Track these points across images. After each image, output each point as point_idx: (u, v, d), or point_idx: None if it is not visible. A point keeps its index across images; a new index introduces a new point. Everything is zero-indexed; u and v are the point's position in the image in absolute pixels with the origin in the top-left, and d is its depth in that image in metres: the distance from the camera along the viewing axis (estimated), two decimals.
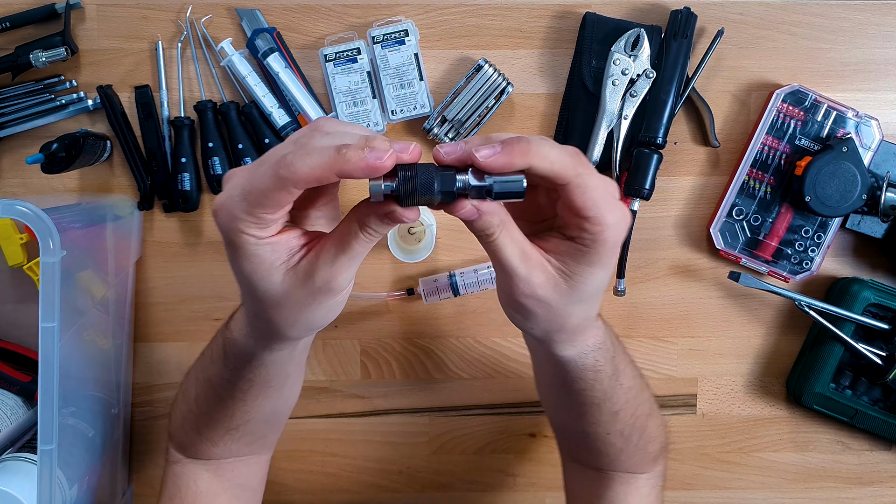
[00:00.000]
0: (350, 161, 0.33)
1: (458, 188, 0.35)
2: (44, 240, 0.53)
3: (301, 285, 0.38)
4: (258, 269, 0.38)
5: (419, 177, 0.35)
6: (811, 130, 0.71)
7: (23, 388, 0.71)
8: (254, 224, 0.36)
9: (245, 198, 0.36)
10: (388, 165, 0.33)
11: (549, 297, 0.39)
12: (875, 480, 0.79)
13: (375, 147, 0.33)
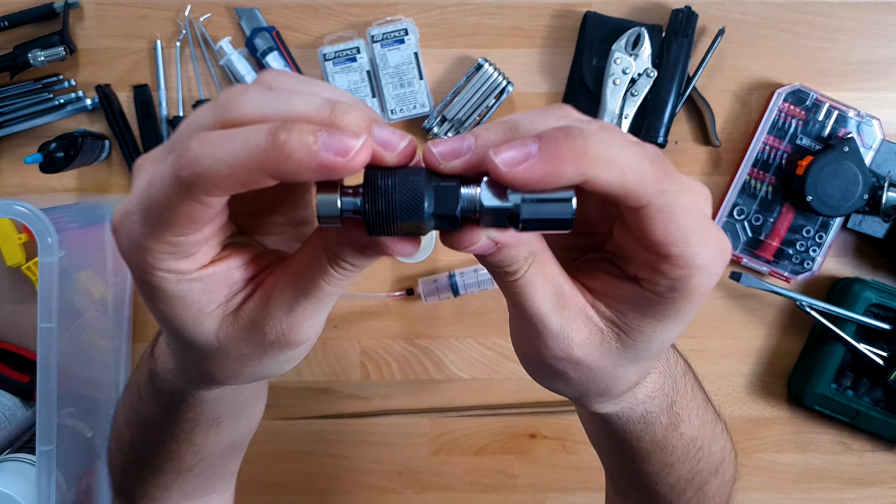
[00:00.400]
0: (291, 155, 0.21)
1: (463, 210, 0.23)
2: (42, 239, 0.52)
3: (245, 337, 0.27)
4: (182, 315, 0.26)
5: (399, 189, 0.23)
6: (812, 130, 0.71)
7: (21, 388, 0.71)
8: (168, 254, 0.24)
9: (145, 216, 0.24)
10: (356, 164, 0.22)
11: (591, 359, 0.27)
12: (876, 481, 0.78)
13: (339, 129, 0.22)
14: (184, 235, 0.24)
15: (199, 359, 0.29)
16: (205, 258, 0.26)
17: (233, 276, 0.27)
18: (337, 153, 0.21)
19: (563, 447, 0.78)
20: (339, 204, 0.23)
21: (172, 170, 0.22)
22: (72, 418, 0.62)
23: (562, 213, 0.23)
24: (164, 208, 0.23)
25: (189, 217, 0.23)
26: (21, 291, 0.73)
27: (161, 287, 0.25)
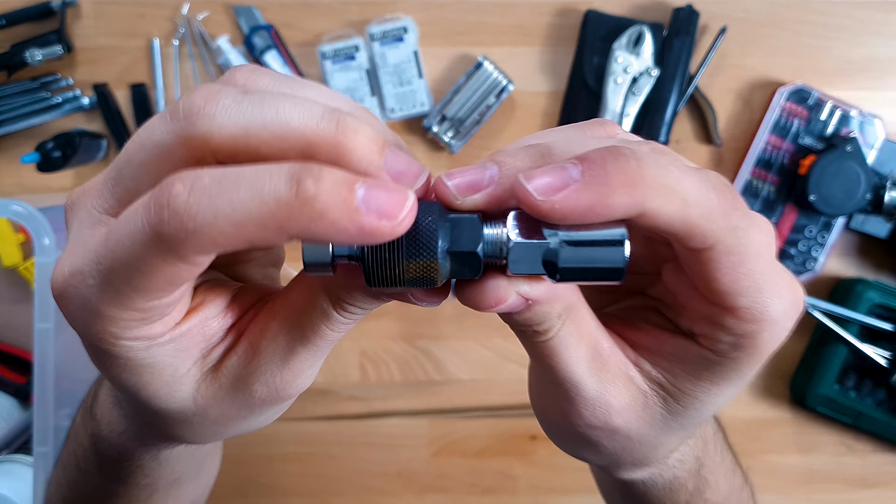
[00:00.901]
0: (324, 215, 0.17)
1: (486, 253, 0.20)
2: (39, 239, 0.52)
3: (229, 396, 0.23)
4: (151, 384, 0.22)
5: (406, 234, 0.19)
6: (815, 129, 0.70)
7: (18, 389, 0.70)
8: (138, 321, 0.20)
9: (106, 279, 0.19)
10: (402, 229, 0.18)
11: (631, 427, 0.23)
12: (880, 483, 0.78)
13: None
14: (159, 300, 0.19)
15: (169, 426, 0.25)
16: (178, 314, 0.21)
17: (209, 327, 0.22)
18: (381, 215, 0.17)
19: None
20: (331, 249, 0.19)
21: (148, 224, 0.17)
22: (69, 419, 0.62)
23: (611, 259, 0.19)
24: (135, 271, 0.18)
25: (172, 280, 0.18)
26: (18, 292, 0.72)
27: (125, 357, 0.21)
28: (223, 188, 0.17)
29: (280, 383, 0.23)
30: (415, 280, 0.19)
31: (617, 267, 0.19)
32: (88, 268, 0.19)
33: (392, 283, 0.19)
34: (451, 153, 0.72)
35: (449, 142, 0.71)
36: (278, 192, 0.17)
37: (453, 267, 0.20)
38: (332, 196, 0.17)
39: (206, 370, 0.23)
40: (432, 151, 0.73)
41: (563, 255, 0.19)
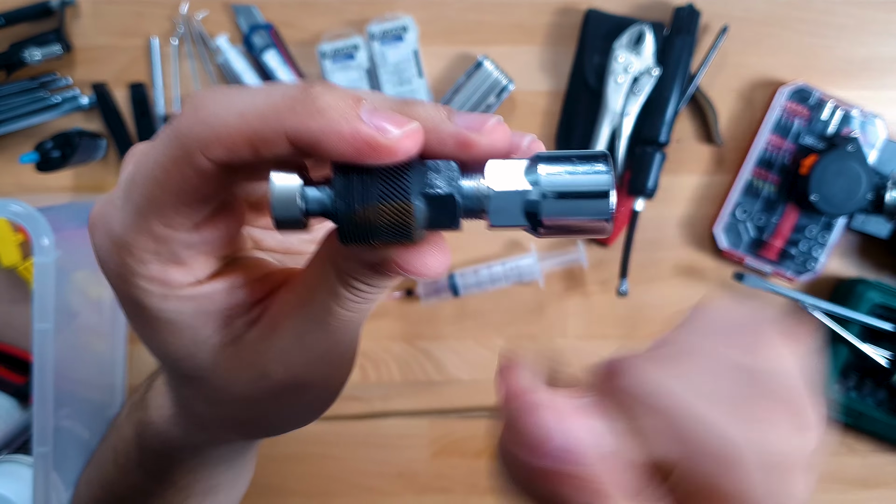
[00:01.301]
0: (323, 111, 0.17)
1: (466, 205, 0.19)
2: (38, 240, 0.52)
3: (248, 374, 0.22)
4: (172, 343, 0.22)
5: (380, 172, 0.18)
6: (816, 129, 0.70)
7: (17, 389, 0.70)
8: (152, 254, 0.20)
9: (127, 196, 0.20)
10: (399, 147, 0.18)
11: None
12: (880, 483, 0.78)
13: (375, 107, 0.18)
14: (171, 223, 0.19)
15: (201, 401, 0.24)
16: (201, 271, 0.21)
17: (235, 296, 0.22)
18: (380, 129, 0.17)
19: None
20: (302, 195, 0.18)
21: (171, 127, 0.18)
22: (68, 420, 0.62)
23: (596, 211, 0.19)
24: (151, 180, 0.18)
25: (181, 189, 0.18)
26: (17, 292, 0.72)
27: (144, 304, 0.20)
28: (241, 90, 0.18)
29: (296, 365, 0.22)
30: (390, 230, 0.18)
31: (602, 218, 0.19)
32: (118, 191, 0.20)
33: (366, 236, 0.18)
34: None
35: None
36: (288, 91, 0.18)
37: (430, 214, 0.19)
38: (337, 100, 0.17)
39: (227, 340, 0.22)
40: None
41: (545, 208, 0.19)
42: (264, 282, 0.23)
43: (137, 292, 0.21)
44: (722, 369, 0.20)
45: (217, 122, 0.18)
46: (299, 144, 0.18)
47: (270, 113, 0.17)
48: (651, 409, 0.19)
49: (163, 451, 0.29)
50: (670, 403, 0.19)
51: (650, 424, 0.19)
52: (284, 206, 0.18)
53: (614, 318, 0.75)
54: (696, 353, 0.21)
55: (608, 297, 0.75)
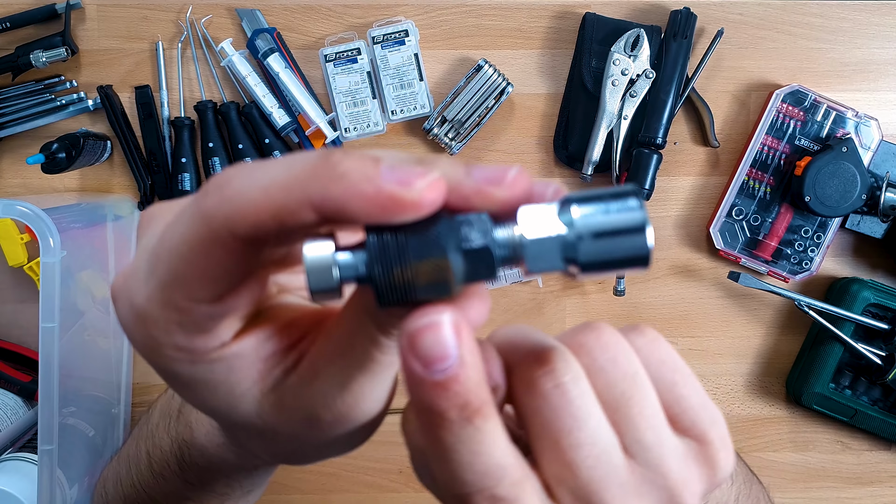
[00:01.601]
0: (345, 176, 0.17)
1: (501, 255, 0.19)
2: (44, 240, 0.53)
3: (295, 417, 0.23)
4: (209, 400, 0.22)
5: (412, 230, 0.18)
6: (811, 130, 0.71)
7: (23, 387, 0.71)
8: (176, 325, 0.20)
9: (152, 269, 0.20)
10: (424, 201, 0.18)
11: None
12: (875, 480, 0.78)
13: (394, 164, 0.18)
14: (196, 297, 0.19)
15: (252, 440, 0.25)
16: (226, 335, 0.21)
17: (265, 349, 0.22)
18: (402, 183, 0.17)
19: None
20: (337, 264, 0.18)
21: (195, 201, 0.19)
22: (73, 417, 0.62)
23: (635, 247, 0.19)
24: (175, 254, 0.19)
25: (207, 266, 0.19)
26: (23, 291, 0.73)
27: (173, 371, 0.21)
28: (263, 164, 0.19)
29: (343, 408, 0.23)
30: (427, 286, 0.18)
31: (641, 255, 0.19)
32: (141, 263, 0.20)
33: (404, 294, 0.18)
34: (451, 154, 0.73)
35: (449, 143, 0.72)
36: (308, 161, 0.18)
37: (467, 268, 0.19)
38: (357, 163, 0.18)
39: (267, 389, 0.22)
40: (433, 152, 0.74)
41: (582, 250, 0.19)
42: (294, 326, 0.23)
43: (165, 361, 0.21)
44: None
45: (242, 199, 0.18)
46: (325, 211, 0.18)
47: (294, 184, 0.18)
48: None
49: (209, 468, 0.30)
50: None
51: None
52: (320, 276, 0.18)
53: (612, 318, 0.76)
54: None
55: (606, 297, 0.75)
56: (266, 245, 0.19)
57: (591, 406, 0.21)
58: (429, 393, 0.19)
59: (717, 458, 0.22)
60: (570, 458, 0.21)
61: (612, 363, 0.22)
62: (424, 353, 0.19)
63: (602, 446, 0.21)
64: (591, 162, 0.70)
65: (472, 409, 0.19)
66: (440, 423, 0.19)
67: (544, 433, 0.21)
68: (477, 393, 0.19)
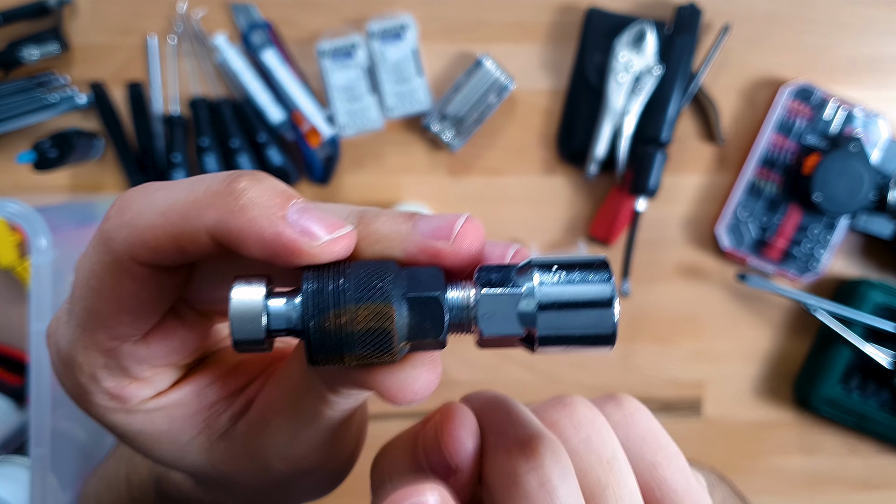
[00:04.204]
0: (245, 210, 0.16)
1: (453, 318, 0.18)
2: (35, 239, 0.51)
3: (249, 465, 0.22)
4: (155, 449, 0.21)
5: (355, 277, 0.17)
6: (819, 128, 0.70)
7: (14, 390, 0.70)
8: (103, 370, 0.19)
9: (71, 311, 0.19)
10: (324, 253, 0.17)
11: None
12: (883, 484, 0.77)
13: (307, 206, 0.17)
14: (116, 335, 0.18)
15: (212, 487, 0.23)
16: (161, 383, 0.20)
17: (208, 396, 0.21)
18: (304, 233, 0.16)
19: None
20: (265, 322, 0.16)
21: (99, 227, 0.17)
22: (65, 421, 0.61)
23: (599, 325, 0.17)
24: (88, 289, 0.17)
25: (118, 296, 0.17)
26: (13, 292, 0.72)
27: (109, 422, 0.19)
28: (165, 185, 0.17)
29: (295, 459, 0.21)
30: (367, 340, 0.16)
31: (606, 333, 0.17)
32: (65, 306, 0.19)
33: (339, 349, 0.16)
34: (451, 152, 0.72)
35: (449, 141, 0.70)
36: (212, 185, 0.16)
37: (412, 321, 0.17)
38: (262, 197, 0.16)
39: (216, 437, 0.21)
40: (432, 150, 0.72)
41: (542, 320, 0.17)
42: (240, 371, 0.22)
43: (98, 411, 0.19)
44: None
45: (141, 222, 0.17)
46: (222, 243, 0.16)
47: (191, 209, 0.16)
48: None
49: (186, 501, 0.29)
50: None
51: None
52: (245, 324, 0.16)
53: None
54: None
55: None
56: (180, 275, 0.18)
57: (576, 500, 0.19)
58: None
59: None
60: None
61: (587, 445, 0.20)
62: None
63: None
64: (595, 160, 0.69)
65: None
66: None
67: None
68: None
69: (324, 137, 0.70)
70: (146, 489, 0.30)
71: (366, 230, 0.18)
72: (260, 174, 0.17)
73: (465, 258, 0.18)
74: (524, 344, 0.18)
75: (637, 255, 0.73)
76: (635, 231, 0.70)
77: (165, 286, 0.18)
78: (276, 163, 0.69)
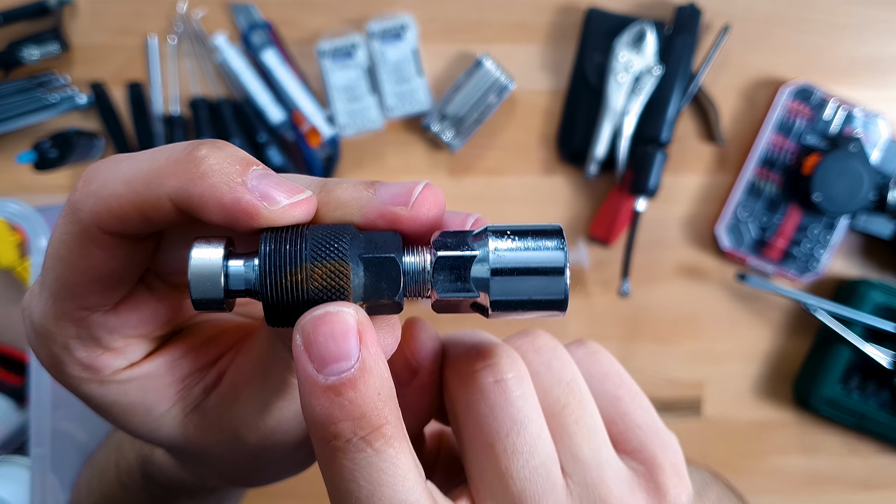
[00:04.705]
0: (205, 176, 0.16)
1: (408, 282, 0.18)
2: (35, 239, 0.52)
3: (222, 438, 0.22)
4: (130, 422, 0.21)
5: (312, 240, 0.17)
6: (818, 128, 0.70)
7: (14, 390, 0.70)
8: (75, 339, 0.19)
9: (43, 283, 0.19)
10: (283, 216, 0.17)
11: None
12: (883, 484, 0.77)
13: (267, 173, 0.17)
14: (86, 304, 0.18)
15: (189, 463, 0.24)
16: (133, 354, 0.20)
17: (181, 368, 0.21)
18: (263, 197, 0.16)
19: None
20: (223, 278, 0.16)
21: (67, 202, 0.18)
22: (65, 421, 0.61)
23: (550, 291, 0.17)
24: (58, 260, 0.18)
25: (88, 266, 0.17)
26: (14, 292, 0.72)
27: (83, 392, 0.20)
28: (131, 155, 0.18)
29: (265, 430, 0.21)
30: (322, 299, 0.16)
31: (557, 298, 0.17)
32: (38, 279, 0.19)
33: (295, 308, 0.16)
34: (451, 152, 0.72)
35: (449, 141, 0.70)
36: (173, 153, 0.17)
37: (368, 279, 0.17)
38: (222, 164, 0.16)
39: (189, 409, 0.21)
40: (432, 150, 0.72)
41: (494, 286, 0.17)
42: (212, 344, 0.22)
43: (72, 381, 0.20)
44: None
45: (105, 191, 0.17)
46: (184, 209, 0.17)
47: (153, 177, 0.17)
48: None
49: (171, 484, 0.29)
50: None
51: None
52: (203, 284, 0.17)
53: (616, 319, 0.75)
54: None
55: (609, 298, 0.74)
56: (146, 244, 0.18)
57: (533, 411, 0.19)
58: (320, 400, 0.16)
59: (667, 485, 0.20)
60: (504, 465, 0.19)
61: (547, 367, 0.21)
62: (319, 350, 0.16)
63: (540, 458, 0.19)
64: (595, 160, 0.69)
65: (372, 428, 0.16)
66: (333, 441, 0.17)
67: (478, 434, 0.19)
68: (378, 408, 0.16)
69: (324, 137, 0.70)
70: (133, 474, 0.31)
71: (327, 197, 0.18)
72: (220, 142, 0.17)
73: (423, 223, 0.18)
74: (478, 309, 0.18)
75: (637, 255, 0.73)
76: (635, 231, 0.70)
77: (133, 256, 0.18)
78: (276, 163, 0.69)
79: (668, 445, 0.21)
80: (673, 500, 0.20)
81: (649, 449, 0.20)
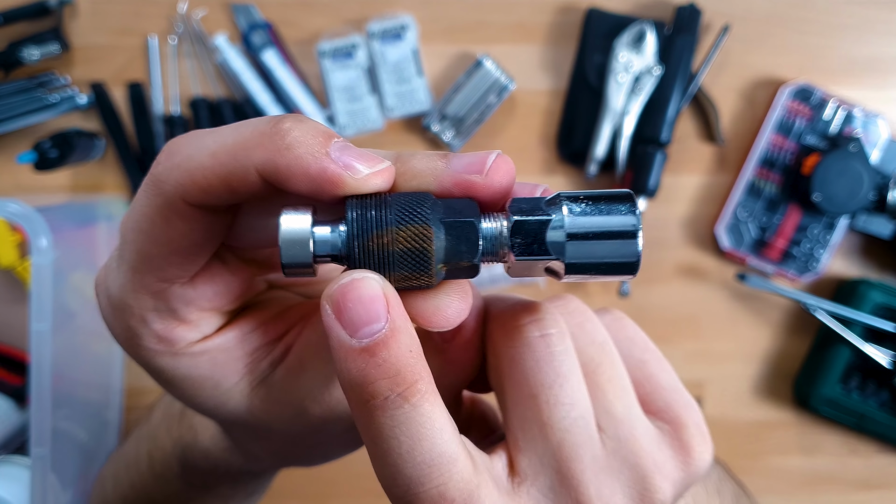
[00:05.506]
0: (292, 147, 0.17)
1: (486, 248, 0.19)
2: (35, 239, 0.52)
3: (285, 412, 0.22)
4: (197, 395, 0.22)
5: (395, 206, 0.18)
6: (818, 128, 0.70)
7: (14, 390, 0.70)
8: (153, 312, 0.20)
9: (121, 256, 0.19)
10: (367, 184, 0.18)
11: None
12: (883, 484, 0.77)
13: (347, 145, 0.18)
14: (166, 276, 0.19)
15: (250, 440, 0.24)
16: (207, 327, 0.21)
17: (250, 342, 0.22)
18: (347, 167, 0.17)
19: None
20: (312, 247, 0.17)
21: (149, 175, 0.18)
22: (66, 421, 0.61)
23: (624, 253, 0.18)
24: (138, 233, 0.18)
25: (169, 238, 0.18)
26: (14, 292, 0.71)
27: (156, 365, 0.20)
28: (215, 131, 0.18)
29: (331, 401, 0.22)
30: (406, 261, 0.18)
31: (630, 261, 0.18)
32: (114, 254, 0.20)
33: (382, 268, 0.18)
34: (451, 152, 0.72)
35: (449, 141, 0.70)
36: (259, 126, 0.18)
37: (449, 245, 0.18)
38: (307, 135, 0.17)
39: (256, 384, 0.22)
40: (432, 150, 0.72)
41: (570, 249, 0.18)
42: (280, 319, 0.23)
43: (147, 354, 0.20)
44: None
45: (191, 164, 0.18)
46: (270, 180, 0.17)
47: (240, 150, 0.17)
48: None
49: (213, 471, 0.30)
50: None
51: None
52: (293, 249, 0.18)
53: None
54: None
55: (609, 298, 0.74)
56: (227, 216, 0.19)
57: (574, 366, 0.20)
58: (355, 363, 0.17)
59: (692, 443, 0.21)
60: (546, 416, 0.19)
61: (580, 328, 0.21)
62: (350, 315, 0.17)
63: (580, 410, 0.20)
64: (595, 160, 0.69)
65: (407, 384, 0.17)
66: (371, 400, 0.17)
67: (522, 385, 0.20)
68: (411, 365, 0.17)
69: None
70: (169, 463, 0.31)
71: (403, 167, 0.19)
72: (302, 116, 0.18)
73: (497, 191, 0.19)
74: (551, 273, 0.19)
75: None
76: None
77: (212, 228, 0.19)
78: None
79: (690, 405, 0.22)
80: (698, 457, 0.21)
81: (674, 409, 0.21)
